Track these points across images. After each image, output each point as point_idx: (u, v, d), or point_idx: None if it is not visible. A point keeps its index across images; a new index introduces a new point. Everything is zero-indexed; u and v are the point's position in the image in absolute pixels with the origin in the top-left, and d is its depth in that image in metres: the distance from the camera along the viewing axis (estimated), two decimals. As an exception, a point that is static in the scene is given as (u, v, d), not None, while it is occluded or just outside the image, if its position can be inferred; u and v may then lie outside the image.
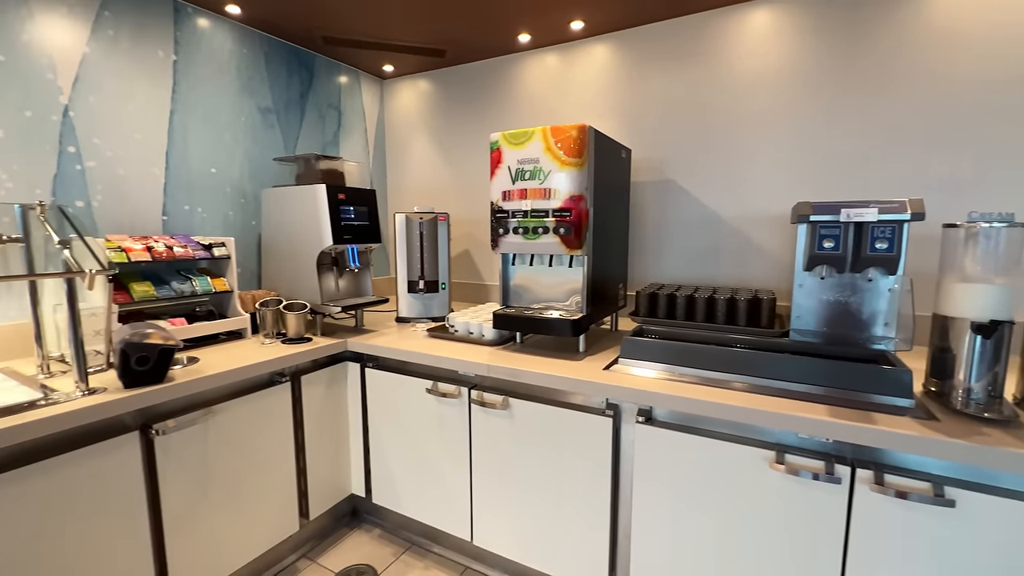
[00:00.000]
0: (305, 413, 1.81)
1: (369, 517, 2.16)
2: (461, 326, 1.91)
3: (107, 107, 1.75)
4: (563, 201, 1.54)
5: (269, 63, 2.28)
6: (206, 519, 1.51)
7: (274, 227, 2.09)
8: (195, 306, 1.90)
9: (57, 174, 1.63)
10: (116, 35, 1.75)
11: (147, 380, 1.35)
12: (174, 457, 1.41)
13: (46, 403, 1.21)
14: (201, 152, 2.04)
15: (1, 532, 1.09)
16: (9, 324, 1.55)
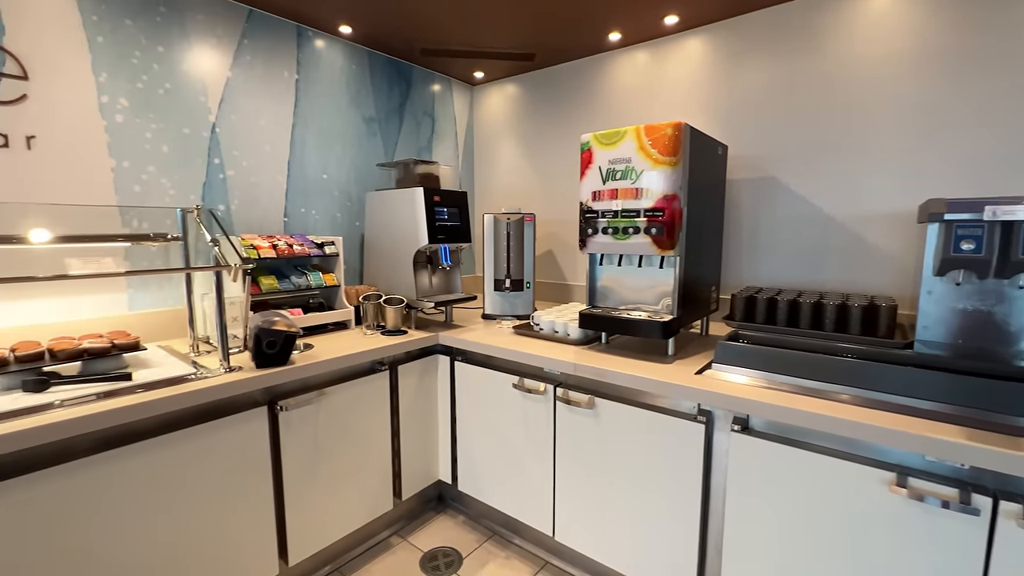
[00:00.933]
0: (401, 400, 1.95)
1: (454, 503, 2.27)
2: (546, 324, 1.94)
3: (243, 123, 2.01)
4: (655, 201, 1.51)
5: (373, 76, 2.48)
6: (317, 489, 1.68)
7: (376, 227, 2.27)
8: (309, 298, 2.11)
9: (205, 182, 1.91)
10: (252, 60, 2.01)
11: (274, 362, 1.53)
12: (293, 431, 1.59)
13: (197, 377, 1.42)
14: (315, 160, 2.27)
15: (159, 483, 1.31)
16: (168, 309, 1.84)
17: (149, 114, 1.75)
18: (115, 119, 1.67)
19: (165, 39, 1.77)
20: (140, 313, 1.76)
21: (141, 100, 1.73)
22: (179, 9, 1.80)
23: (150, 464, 1.28)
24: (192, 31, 1.83)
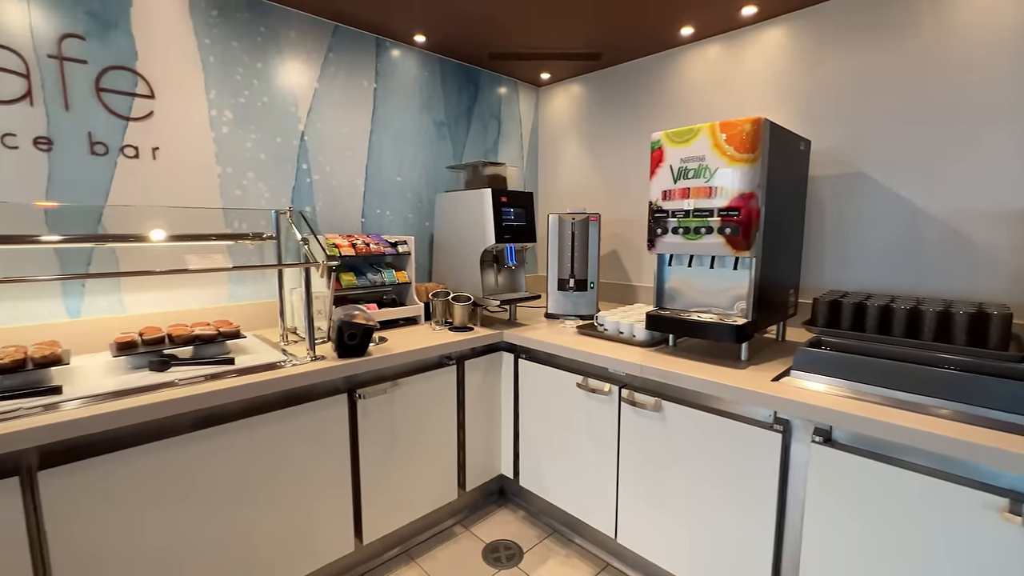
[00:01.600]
0: (467, 394, 2.02)
1: (515, 498, 2.31)
2: (611, 325, 1.93)
3: (328, 131, 2.16)
4: (730, 199, 1.46)
5: (444, 82, 2.57)
6: (389, 474, 1.78)
7: (445, 227, 2.36)
8: (383, 294, 2.24)
9: (295, 185, 2.08)
10: (336, 72, 2.16)
11: (354, 353, 1.64)
12: (370, 419, 1.70)
13: (287, 364, 1.56)
14: (390, 164, 2.40)
15: (250, 459, 1.45)
16: (261, 301, 2.02)
17: (249, 125, 1.93)
18: (222, 130, 1.87)
19: (263, 57, 1.95)
20: (238, 304, 1.96)
21: (243, 113, 1.91)
22: (275, 29, 1.97)
23: (242, 442, 1.41)
24: (286, 48, 2.01)
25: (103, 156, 1.63)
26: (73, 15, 1.54)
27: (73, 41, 1.54)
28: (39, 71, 1.50)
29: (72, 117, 1.56)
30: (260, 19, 1.93)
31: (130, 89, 1.66)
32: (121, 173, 1.66)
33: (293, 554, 1.55)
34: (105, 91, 1.61)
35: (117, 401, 1.21)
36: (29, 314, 1.54)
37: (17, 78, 1.47)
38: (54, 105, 1.53)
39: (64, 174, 1.56)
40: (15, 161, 1.48)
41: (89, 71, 1.58)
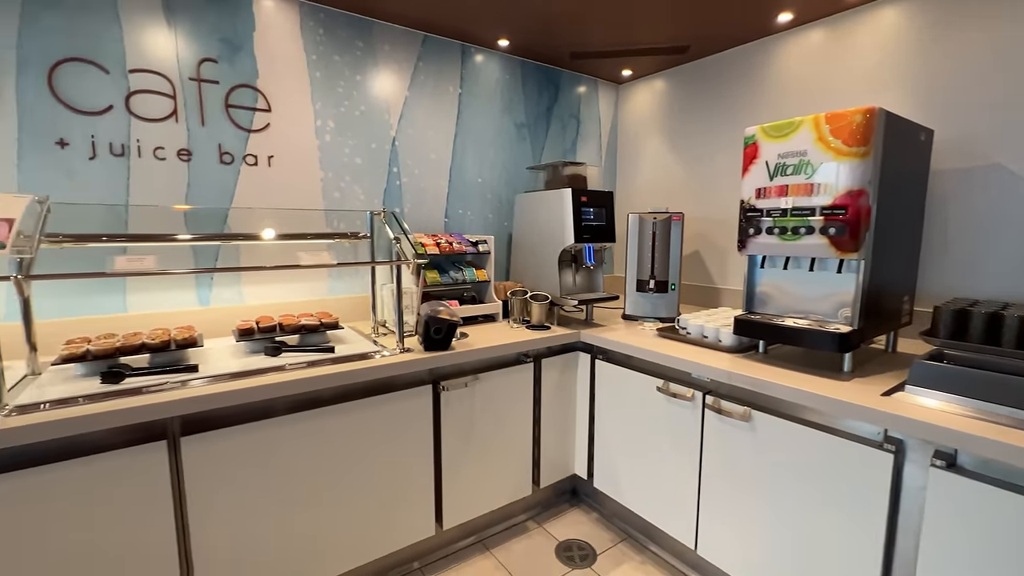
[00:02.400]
0: (543, 392, 2.04)
1: (587, 499, 2.30)
2: (694, 328, 1.86)
3: (416, 136, 2.29)
4: (836, 197, 1.35)
5: (525, 84, 2.62)
6: (468, 464, 1.85)
7: (523, 227, 2.40)
8: (463, 291, 2.33)
9: (386, 188, 2.23)
10: (425, 79, 2.28)
11: (439, 346, 1.73)
12: (452, 410, 1.78)
13: (379, 355, 1.67)
14: (472, 166, 2.49)
15: (340, 441, 1.57)
16: (355, 296, 2.18)
17: (348, 133, 2.10)
18: (325, 138, 2.04)
19: (361, 69, 2.11)
20: (335, 298, 2.13)
21: (343, 122, 2.08)
22: (371, 42, 2.12)
23: (337, 424, 1.54)
24: (381, 60, 2.15)
25: (229, 164, 1.85)
26: (209, 42, 1.76)
27: (209, 64, 1.77)
28: (183, 92, 1.73)
29: (207, 131, 1.79)
30: (359, 35, 2.08)
31: (251, 104, 1.87)
32: (243, 179, 1.88)
33: (378, 532, 1.66)
34: (232, 107, 1.83)
35: (241, 380, 1.38)
36: (169, 302, 1.79)
37: (167, 99, 1.71)
38: (193, 121, 1.76)
39: (199, 181, 1.80)
40: (164, 170, 1.73)
41: (220, 90, 1.80)
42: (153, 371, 1.38)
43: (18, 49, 1.48)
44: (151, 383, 1.31)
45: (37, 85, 1.52)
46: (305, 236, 1.95)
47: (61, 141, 1.56)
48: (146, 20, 1.66)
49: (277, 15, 1.89)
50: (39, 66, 1.51)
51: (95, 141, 1.61)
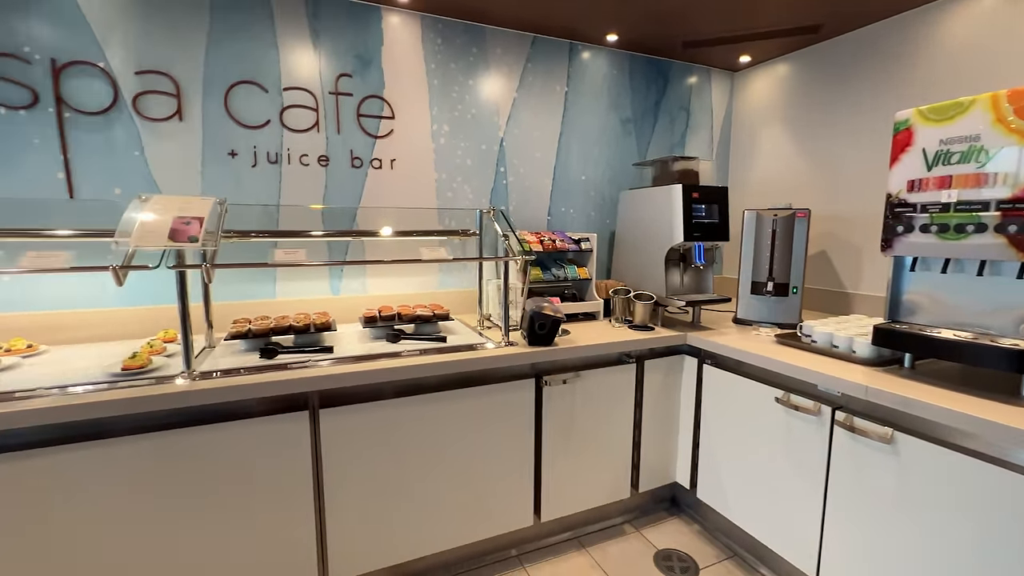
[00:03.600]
0: (645, 394, 1.99)
1: (688, 509, 2.19)
2: (822, 337, 1.69)
3: (523, 136, 2.35)
4: (1020, 188, 1.15)
5: (632, 78, 2.55)
6: (567, 460, 1.87)
7: (627, 224, 2.35)
8: (564, 289, 2.34)
9: (493, 187, 2.31)
10: (533, 80, 2.33)
11: (543, 342, 1.76)
12: (553, 405, 1.80)
13: (485, 347, 1.75)
14: (576, 163, 2.49)
15: (443, 427, 1.66)
16: (462, 290, 2.30)
17: (460, 135, 2.22)
18: (440, 141, 2.18)
19: (474, 74, 2.21)
20: (445, 291, 2.27)
21: (456, 125, 2.20)
22: (485, 48, 2.21)
23: (443, 409, 1.63)
24: (492, 64, 2.24)
25: (359, 168, 2.05)
26: (346, 58, 1.97)
27: (345, 79, 1.98)
28: (323, 105, 1.96)
29: (341, 139, 2.00)
30: (473, 41, 2.19)
31: (378, 113, 2.05)
32: (370, 181, 2.07)
33: (478, 515, 1.74)
34: (363, 116, 2.02)
35: (367, 363, 1.53)
36: (307, 290, 2.04)
37: (311, 112, 1.94)
38: (331, 130, 1.98)
39: (334, 183, 2.02)
40: (307, 175, 1.97)
41: (353, 101, 2.00)
42: (298, 350, 1.59)
43: (204, 75, 1.78)
44: (296, 360, 1.51)
45: (216, 105, 1.81)
46: (420, 233, 2.10)
47: (232, 152, 1.85)
48: (297, 44, 1.90)
49: (402, 30, 2.05)
50: (218, 89, 1.80)
51: (256, 151, 1.88)
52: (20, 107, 1.58)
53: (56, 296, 1.68)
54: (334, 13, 1.93)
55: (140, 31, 1.69)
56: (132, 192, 1.71)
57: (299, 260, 1.45)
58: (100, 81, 1.66)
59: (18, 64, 1.56)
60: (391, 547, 1.61)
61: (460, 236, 2.15)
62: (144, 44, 1.70)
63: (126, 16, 1.67)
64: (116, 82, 1.67)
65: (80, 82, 1.64)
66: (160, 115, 1.74)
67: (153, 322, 1.78)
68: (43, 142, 1.61)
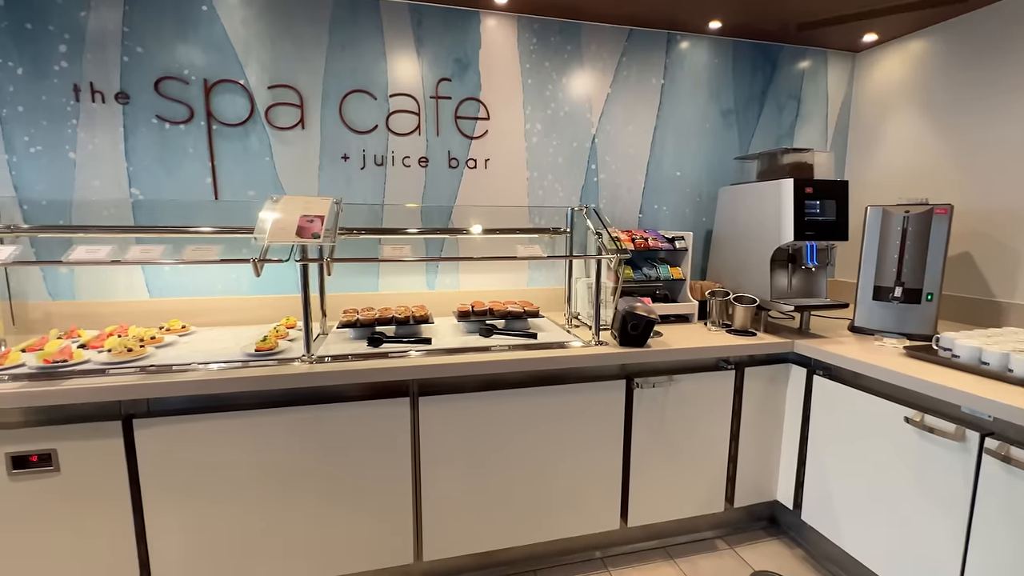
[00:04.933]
0: (744, 403, 1.86)
1: (790, 532, 2.02)
2: (966, 351, 1.47)
3: (616, 132, 2.30)
4: None
5: (735, 66, 2.40)
6: (657, 466, 1.81)
7: (727, 223, 2.21)
8: (655, 289, 2.26)
9: (584, 184, 2.30)
10: (628, 74, 2.27)
11: (635, 343, 1.72)
12: (644, 408, 1.75)
13: (574, 345, 1.74)
14: (671, 159, 2.39)
15: (530, 423, 1.67)
16: (550, 288, 2.31)
17: (552, 133, 2.22)
18: (532, 140, 2.20)
19: (567, 71, 2.20)
20: (533, 288, 2.29)
21: (549, 123, 2.21)
22: (579, 44, 2.20)
23: (532, 405, 1.64)
24: (587, 60, 2.21)
25: (455, 168, 2.13)
26: (446, 63, 2.06)
27: (444, 83, 2.07)
28: (424, 109, 2.07)
29: (440, 141, 2.10)
30: (568, 39, 2.18)
31: (474, 114, 2.12)
32: (465, 180, 2.15)
33: (563, 514, 1.74)
34: (460, 118, 2.10)
35: (463, 355, 1.59)
36: (406, 284, 2.16)
37: (413, 116, 2.06)
38: (431, 133, 2.09)
39: (432, 183, 2.12)
40: (408, 176, 2.09)
41: (451, 104, 2.09)
42: (401, 340, 1.69)
43: (323, 86, 1.96)
44: (399, 349, 1.61)
45: (332, 113, 1.98)
46: (512, 231, 2.14)
47: (344, 155, 2.01)
48: (402, 52, 2.01)
49: (498, 32, 2.10)
50: (334, 98, 1.97)
51: (365, 154, 2.03)
52: (180, 121, 1.85)
53: (201, 284, 1.94)
54: (436, 20, 2.03)
55: (272, 50, 1.89)
56: (263, 193, 1.93)
57: (405, 256, 1.54)
58: (240, 96, 1.89)
59: (179, 85, 1.83)
60: (479, 535, 1.67)
61: (550, 234, 2.16)
62: (275, 61, 1.90)
63: (261, 37, 1.88)
64: (252, 96, 1.89)
65: (225, 98, 1.87)
66: (286, 124, 1.94)
67: (273, 309, 1.99)
68: (196, 151, 1.87)
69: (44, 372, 1.34)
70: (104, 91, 1.77)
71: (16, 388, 1.26)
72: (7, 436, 1.27)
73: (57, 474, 1.31)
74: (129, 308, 1.87)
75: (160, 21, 1.78)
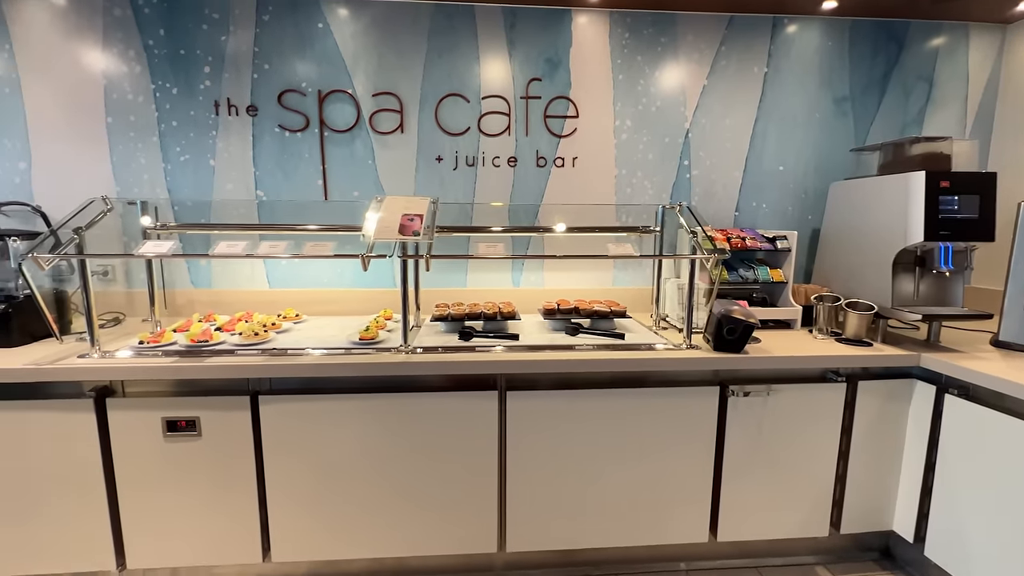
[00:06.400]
0: (856, 420, 1.69)
1: (908, 567, 1.80)
2: None
3: (711, 126, 2.19)
4: None
5: (852, 48, 2.17)
6: (751, 480, 1.69)
7: (838, 221, 2.02)
8: (752, 292, 2.12)
9: (675, 181, 2.21)
10: (727, 64, 2.15)
11: (731, 348, 1.63)
12: (739, 417, 1.65)
13: (663, 348, 1.68)
14: (773, 153, 2.22)
15: (623, 422, 1.63)
16: (636, 288, 2.26)
17: (643, 129, 2.16)
18: (621, 137, 2.16)
19: (660, 65, 2.13)
20: (618, 288, 2.25)
21: (639, 119, 2.16)
22: (674, 36, 2.12)
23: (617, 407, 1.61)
24: (681, 52, 2.13)
25: (543, 167, 2.15)
26: (537, 63, 2.08)
27: (535, 83, 2.09)
28: (514, 110, 2.10)
29: (528, 140, 2.13)
30: (662, 31, 2.11)
31: (563, 113, 2.12)
32: (552, 179, 2.16)
33: (648, 521, 1.69)
34: (549, 117, 2.12)
35: (549, 353, 1.60)
36: (492, 281, 2.22)
37: (503, 117, 2.11)
38: (520, 133, 2.12)
39: (520, 182, 2.16)
40: (497, 175, 2.14)
41: (541, 104, 2.11)
42: (489, 335, 1.75)
43: (421, 92, 2.07)
44: (488, 344, 1.66)
45: (428, 117, 2.08)
46: (598, 230, 2.11)
47: (438, 157, 2.11)
48: (495, 55, 2.07)
49: (589, 29, 2.08)
50: (431, 103, 2.07)
51: (457, 155, 2.11)
52: (297, 129, 2.04)
53: (311, 277, 2.14)
54: (529, 21, 2.05)
55: (377, 60, 2.03)
56: (366, 193, 2.08)
57: (498, 254, 1.59)
58: (348, 105, 2.05)
59: (298, 97, 2.02)
60: (562, 532, 1.67)
61: (639, 233, 2.10)
62: (379, 70, 2.04)
63: (367, 49, 2.02)
64: (359, 104, 2.05)
65: (335, 107, 2.04)
66: (387, 129, 2.07)
67: (370, 302, 2.13)
68: (310, 156, 2.06)
69: (191, 350, 1.55)
70: (238, 105, 2.01)
71: (171, 362, 1.47)
72: (163, 403, 1.50)
73: (199, 438, 1.51)
74: (252, 297, 2.11)
75: (283, 39, 1.99)
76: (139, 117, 1.98)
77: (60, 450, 1.48)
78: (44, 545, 1.53)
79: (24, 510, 1.51)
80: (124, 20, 1.93)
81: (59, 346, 1.60)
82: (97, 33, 1.92)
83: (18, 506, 1.50)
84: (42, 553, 1.54)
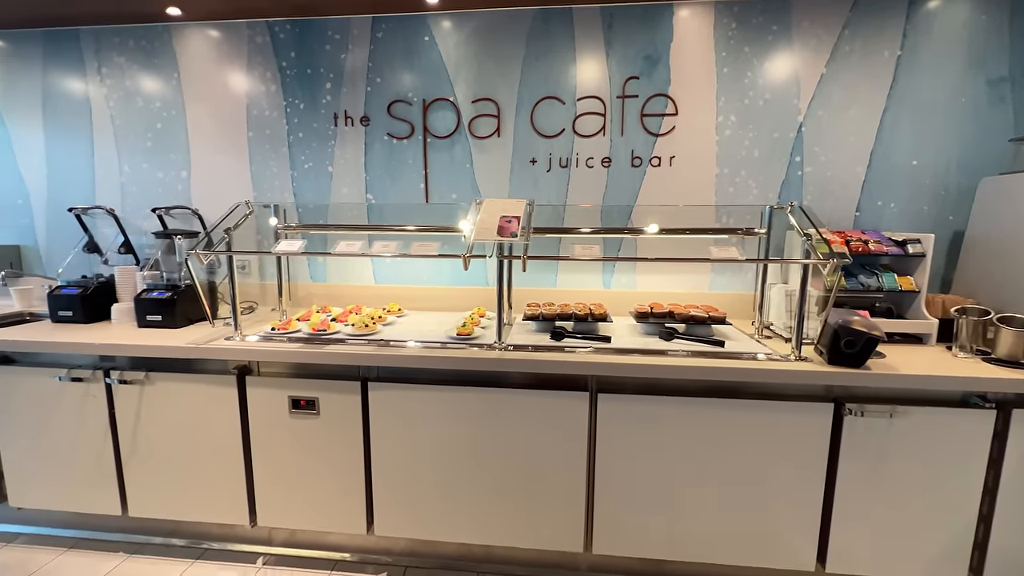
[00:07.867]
0: (1007, 454, 1.46)
1: (1075, 635, 1.52)
2: None
3: (829, 118, 2.00)
4: None
5: (1013, 22, 1.87)
6: (868, 511, 1.53)
7: (990, 222, 1.75)
8: (875, 301, 1.90)
9: (784, 180, 2.05)
10: (850, 50, 1.95)
11: (849, 362, 1.48)
12: (857, 440, 1.50)
13: (769, 358, 1.57)
14: (905, 146, 1.98)
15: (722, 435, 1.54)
16: (734, 293, 2.13)
17: (749, 125, 2.03)
18: (724, 133, 2.05)
19: (770, 55, 1.99)
20: (715, 293, 2.14)
21: (745, 114, 2.03)
22: (788, 23, 1.96)
23: (715, 417, 1.54)
24: (796, 39, 1.97)
25: (638, 167, 2.11)
26: (635, 61, 2.05)
27: (632, 82, 2.06)
28: (610, 110, 2.08)
29: (624, 140, 2.10)
30: (773, 19, 1.96)
31: (661, 111, 2.06)
32: (648, 179, 2.11)
33: (743, 540, 1.60)
34: (646, 116, 2.07)
35: (642, 357, 1.57)
36: (582, 282, 2.22)
37: (598, 118, 2.10)
38: (615, 133, 2.10)
39: (613, 183, 2.13)
40: (591, 176, 2.14)
41: (638, 103, 2.07)
42: (580, 336, 1.75)
43: (518, 96, 2.12)
44: (579, 345, 1.66)
45: (524, 121, 2.13)
46: (696, 231, 2.02)
47: (532, 159, 2.15)
48: (591, 56, 2.06)
49: (692, 21, 2.00)
50: (526, 106, 2.12)
51: (551, 157, 2.14)
52: (403, 137, 2.20)
53: (411, 274, 2.29)
54: (628, 19, 2.02)
55: (477, 67, 2.12)
56: (463, 196, 2.19)
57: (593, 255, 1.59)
58: (449, 112, 2.16)
59: (405, 106, 2.18)
60: (650, 540, 1.64)
61: (741, 234, 1.98)
62: (479, 77, 2.13)
63: (468, 57, 2.12)
64: (459, 110, 2.15)
65: (438, 114, 2.17)
66: (485, 134, 2.16)
67: (464, 299, 2.23)
68: (414, 162, 2.21)
69: (312, 337, 1.74)
70: (353, 116, 2.20)
71: (296, 348, 1.66)
72: (289, 383, 1.69)
73: (318, 416, 1.69)
74: (360, 291, 2.30)
75: (394, 54, 2.14)
76: (273, 130, 2.25)
77: (210, 416, 1.74)
78: (192, 496, 1.81)
79: (180, 465, 1.79)
80: (263, 46, 2.20)
81: (211, 329, 1.88)
82: (243, 59, 2.22)
83: (175, 462, 1.79)
84: (186, 503, 1.82)
